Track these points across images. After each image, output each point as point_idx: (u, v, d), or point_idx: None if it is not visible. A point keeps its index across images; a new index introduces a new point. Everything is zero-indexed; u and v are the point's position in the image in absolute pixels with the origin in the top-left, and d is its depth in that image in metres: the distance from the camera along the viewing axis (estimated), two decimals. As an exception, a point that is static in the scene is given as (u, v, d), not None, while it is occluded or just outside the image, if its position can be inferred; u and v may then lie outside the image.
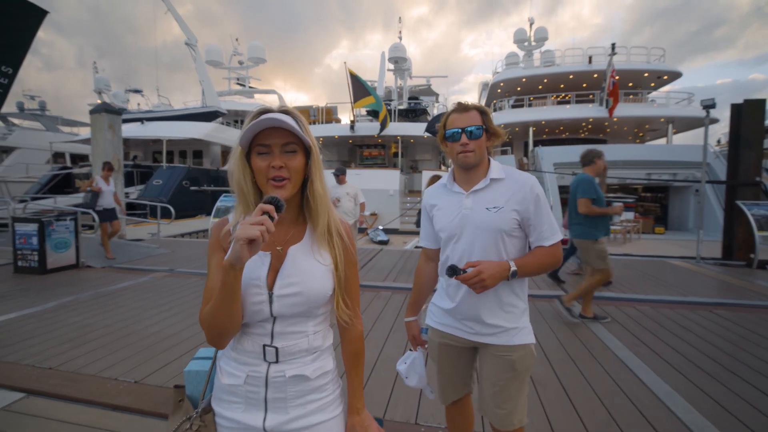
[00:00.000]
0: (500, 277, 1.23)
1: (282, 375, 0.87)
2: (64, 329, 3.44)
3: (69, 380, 2.51)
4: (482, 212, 1.30)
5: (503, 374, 1.33)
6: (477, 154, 1.31)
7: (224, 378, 0.90)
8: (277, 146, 0.85)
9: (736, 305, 4.31)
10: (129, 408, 2.23)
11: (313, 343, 0.91)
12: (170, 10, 21.07)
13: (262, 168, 0.85)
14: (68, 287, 4.90)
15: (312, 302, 0.88)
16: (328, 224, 0.92)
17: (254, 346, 0.88)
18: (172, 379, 2.55)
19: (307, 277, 0.87)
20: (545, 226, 1.29)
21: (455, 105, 1.37)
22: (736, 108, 7.23)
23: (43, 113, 26.82)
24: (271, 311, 0.86)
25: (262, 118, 0.82)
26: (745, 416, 2.19)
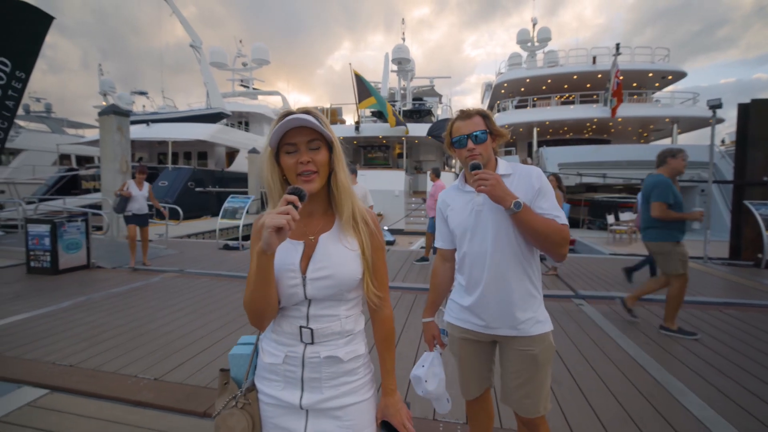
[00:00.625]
0: (505, 193, 1.25)
1: (317, 356, 0.94)
2: (80, 328, 3.50)
3: (90, 377, 2.56)
4: (493, 206, 1.34)
5: (526, 367, 1.37)
6: (484, 156, 1.38)
7: (266, 357, 0.98)
8: (303, 143, 0.93)
9: (746, 305, 4.31)
10: (151, 404, 2.27)
11: (345, 327, 0.97)
12: (175, 12, 21.22)
13: (291, 165, 0.93)
14: (81, 287, 4.96)
15: (342, 285, 0.95)
16: (352, 212, 0.98)
17: (291, 327, 0.95)
18: (190, 376, 2.59)
19: (337, 261, 0.94)
20: (551, 210, 1.32)
21: (458, 113, 1.44)
22: (744, 107, 7.23)
23: (48, 115, 27.06)
24: (305, 294, 0.93)
25: (288, 119, 0.90)
26: (758, 411, 2.21)
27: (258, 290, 0.86)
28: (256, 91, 28.52)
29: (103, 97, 27.30)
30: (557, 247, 1.31)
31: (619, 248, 10.05)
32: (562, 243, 1.31)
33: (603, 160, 15.02)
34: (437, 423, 2.12)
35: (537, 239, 1.31)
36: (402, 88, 21.97)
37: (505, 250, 1.35)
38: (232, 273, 5.83)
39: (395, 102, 19.44)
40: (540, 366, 1.37)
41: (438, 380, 1.46)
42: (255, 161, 17.65)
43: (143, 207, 6.10)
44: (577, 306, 4.27)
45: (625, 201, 15.34)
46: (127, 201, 5.89)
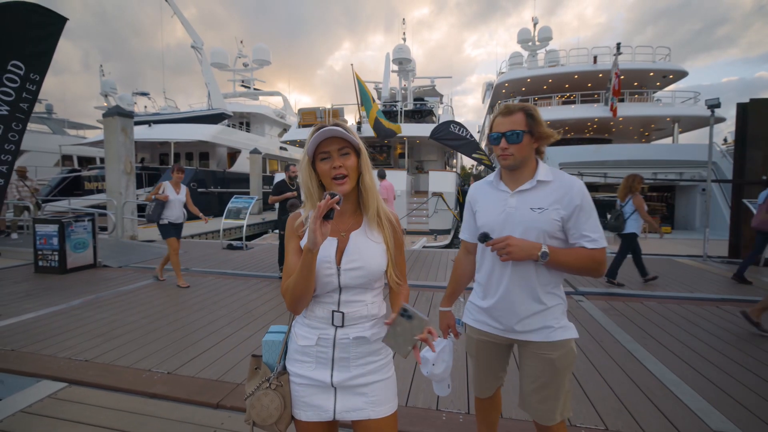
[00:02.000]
0: (528, 250, 1.26)
1: (347, 337, 1.08)
2: (92, 325, 3.59)
3: (106, 371, 2.66)
4: (526, 212, 1.32)
5: (544, 372, 1.35)
6: (516, 157, 1.33)
7: (299, 340, 1.11)
8: (335, 151, 1.08)
9: (742, 301, 4.39)
10: (166, 396, 2.36)
11: (371, 311, 1.11)
12: (176, 14, 21.33)
13: (326, 170, 1.08)
14: (89, 286, 5.06)
15: (371, 275, 1.09)
16: (377, 209, 1.13)
17: (324, 312, 1.09)
18: (201, 371, 2.69)
19: (366, 254, 1.09)
20: (587, 230, 1.28)
21: (501, 108, 1.37)
22: (742, 107, 7.30)
23: (50, 116, 27.16)
24: (339, 283, 1.07)
25: (321, 131, 1.06)
26: (750, 403, 2.29)
27: (301, 280, 1.00)
28: (257, 91, 28.62)
29: (104, 98, 27.41)
30: (593, 272, 1.29)
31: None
32: (596, 267, 1.28)
33: (604, 160, 15.08)
34: (440, 413, 2.21)
35: (571, 273, 1.32)
36: (403, 89, 22.04)
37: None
38: (237, 272, 5.92)
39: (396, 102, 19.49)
40: (558, 371, 1.33)
41: (445, 366, 1.46)
42: (256, 162, 17.76)
43: (180, 215, 5.24)
44: (577, 302, 4.35)
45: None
46: (163, 206, 5.01)
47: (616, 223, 5.19)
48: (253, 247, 8.30)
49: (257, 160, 17.79)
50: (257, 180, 17.63)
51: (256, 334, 3.39)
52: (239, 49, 28.76)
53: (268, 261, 6.79)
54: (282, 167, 21.10)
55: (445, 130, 7.34)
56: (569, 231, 1.31)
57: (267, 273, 5.86)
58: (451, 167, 21.81)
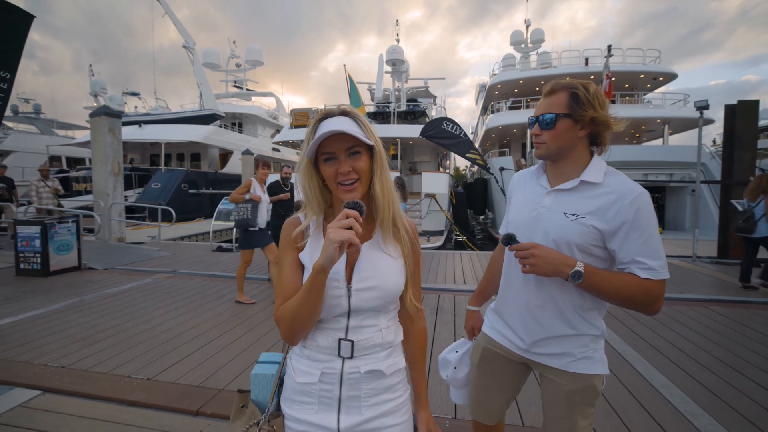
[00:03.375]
0: (556, 266, 1.01)
1: (357, 371, 0.87)
2: (73, 329, 3.49)
3: (82, 378, 2.57)
4: (557, 216, 1.09)
5: (558, 403, 1.15)
6: (550, 146, 1.10)
7: (298, 377, 0.90)
8: (342, 151, 0.87)
9: (730, 301, 4.41)
10: (144, 404, 2.28)
11: (386, 338, 0.91)
12: (168, 13, 21.12)
13: (331, 174, 0.88)
14: (72, 289, 4.94)
15: (387, 296, 0.90)
16: (393, 216, 0.92)
17: (329, 341, 0.88)
18: (182, 376, 2.61)
19: (382, 271, 0.89)
20: (642, 256, 1.00)
21: (546, 86, 1.17)
22: (730, 109, 7.38)
23: (38, 116, 26.77)
24: (349, 305, 0.87)
25: (323, 131, 0.84)
26: (739, 405, 2.27)
27: (307, 305, 0.81)
28: (250, 92, 28.45)
29: (94, 98, 27.06)
30: (643, 307, 1.01)
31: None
32: (650, 303, 1.00)
33: None
34: (427, 418, 2.15)
35: (613, 303, 1.05)
36: (396, 90, 22.04)
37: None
38: (226, 274, 5.83)
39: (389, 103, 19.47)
40: (574, 406, 1.12)
41: (468, 371, 1.35)
42: (248, 163, 17.61)
43: (265, 217, 4.51)
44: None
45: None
46: (257, 209, 4.32)
47: (746, 225, 4.85)
48: (244, 249, 8.19)
49: (249, 161, 17.63)
50: (249, 181, 17.45)
51: (242, 337, 3.32)
52: (232, 50, 28.59)
53: (258, 263, 6.70)
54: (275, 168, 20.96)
55: (437, 128, 7.07)
56: (616, 253, 1.04)
57: (257, 275, 5.78)
58: (445, 168, 21.83)
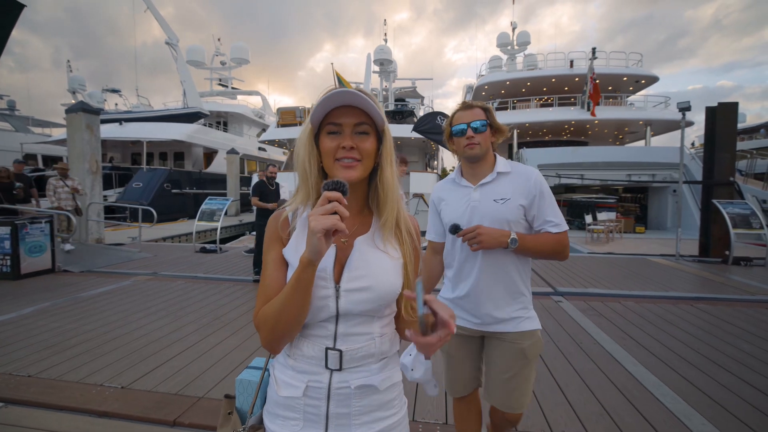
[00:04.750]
0: (498, 238, 1.28)
1: (346, 386, 0.77)
2: (44, 335, 3.30)
3: (50, 387, 2.41)
4: (490, 204, 1.35)
5: (515, 362, 1.37)
6: (482, 146, 1.36)
7: (281, 390, 0.80)
8: (349, 126, 0.77)
9: (714, 299, 4.47)
10: (117, 414, 2.14)
11: (380, 347, 0.81)
12: (150, 8, 20.62)
13: (330, 148, 0.77)
14: (45, 292, 4.71)
15: (382, 299, 0.79)
16: (396, 217, 0.83)
17: (315, 350, 0.78)
18: (160, 384, 2.47)
19: (377, 270, 0.79)
20: (550, 216, 1.35)
21: (460, 104, 1.43)
22: (711, 111, 7.52)
23: (12, 113, 25.77)
24: (337, 307, 0.77)
25: (336, 92, 0.74)
26: (728, 403, 2.26)
27: (293, 306, 0.71)
28: (236, 90, 28.01)
29: (72, 95, 26.21)
30: (559, 255, 1.36)
31: (596, 247, 10.30)
32: (562, 250, 1.35)
33: (581, 161, 15.42)
34: (417, 424, 2.08)
35: (540, 257, 1.37)
36: (384, 89, 21.98)
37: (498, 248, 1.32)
38: (209, 275, 5.66)
39: (377, 103, 19.41)
40: (528, 360, 1.38)
41: (424, 368, 1.39)
42: (234, 162, 17.29)
43: None
44: (556, 303, 4.32)
45: (603, 201, 15.79)
46: None
47: None
48: (228, 250, 7.99)
49: (235, 160, 17.33)
50: (235, 181, 17.16)
51: (224, 341, 3.19)
52: (217, 47, 28.11)
53: (243, 264, 6.53)
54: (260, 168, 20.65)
55: (431, 123, 6.93)
56: (533, 218, 1.36)
57: (240, 276, 5.62)
58: (433, 168, 21.87)
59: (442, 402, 2.29)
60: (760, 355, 2.93)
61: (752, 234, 6.58)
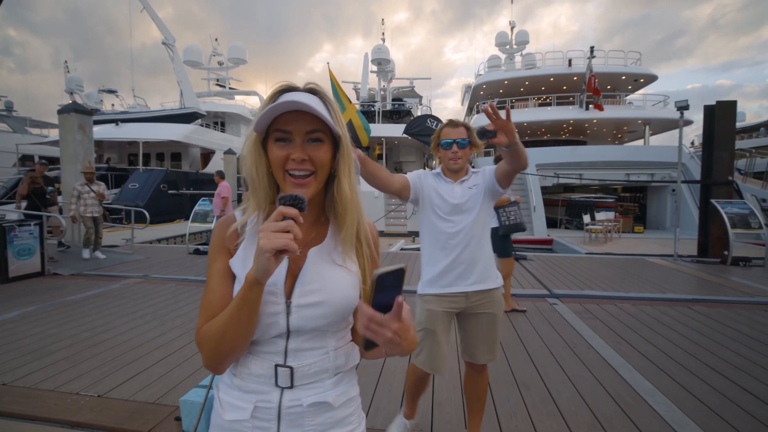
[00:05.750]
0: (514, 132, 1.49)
1: (298, 404, 0.72)
2: (25, 341, 3.22)
3: (24, 396, 2.33)
4: (467, 190, 1.77)
5: (490, 325, 1.75)
6: (463, 160, 1.75)
7: (226, 413, 0.74)
8: (300, 134, 0.70)
9: (712, 301, 4.39)
10: (90, 425, 2.07)
11: (335, 362, 0.75)
12: (146, 8, 20.53)
13: (280, 158, 0.70)
14: (32, 296, 4.63)
15: (336, 314, 0.73)
16: (357, 229, 0.77)
17: (263, 368, 0.72)
18: (138, 392, 2.39)
19: (331, 284, 0.73)
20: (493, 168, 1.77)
21: (448, 121, 1.78)
22: (709, 109, 7.45)
23: (9, 114, 25.69)
24: (288, 324, 0.71)
25: (283, 101, 0.68)
26: (723, 411, 2.19)
27: (238, 325, 0.65)
28: (233, 90, 27.92)
29: (69, 95, 26.13)
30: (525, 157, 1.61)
31: (594, 248, 10.23)
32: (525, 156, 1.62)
33: (579, 161, 15.33)
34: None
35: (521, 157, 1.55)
36: (382, 89, 21.90)
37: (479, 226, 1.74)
38: (200, 278, 5.58)
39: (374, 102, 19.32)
40: (497, 321, 1.76)
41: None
42: (231, 162, 17.21)
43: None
44: (551, 305, 4.25)
45: (601, 201, 15.71)
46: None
47: None
48: (222, 251, 7.91)
49: (232, 161, 17.23)
50: (232, 181, 17.06)
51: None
52: (214, 47, 28.03)
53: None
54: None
55: (421, 125, 6.86)
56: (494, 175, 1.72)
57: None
58: (431, 168, 21.79)
59: (427, 415, 2.21)
60: (758, 360, 2.85)
61: (751, 234, 6.50)
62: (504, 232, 3.87)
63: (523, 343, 3.18)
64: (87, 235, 6.65)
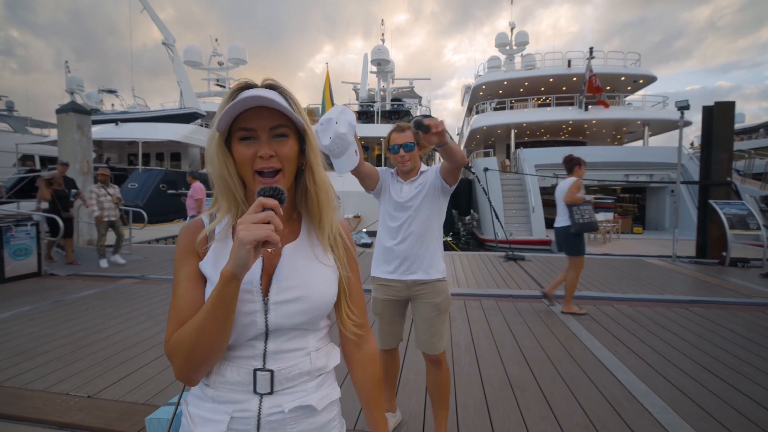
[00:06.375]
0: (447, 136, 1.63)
1: (279, 410, 0.68)
2: (17, 341, 3.21)
3: (13, 397, 2.31)
4: (413, 190, 1.88)
5: (433, 314, 1.84)
6: (412, 162, 1.87)
7: (198, 428, 0.68)
8: (264, 130, 0.68)
9: (710, 302, 4.37)
10: (79, 425, 2.05)
11: (316, 363, 0.73)
12: (146, 8, 20.54)
13: (246, 157, 0.68)
14: (27, 296, 4.61)
15: (317, 308, 0.72)
16: (331, 224, 0.77)
17: (240, 373, 0.68)
18: (129, 392, 2.38)
19: (309, 280, 0.72)
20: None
21: (396, 126, 1.90)
22: (708, 110, 7.43)
23: (10, 114, 25.68)
24: (266, 323, 0.68)
25: (242, 97, 0.66)
26: (719, 414, 2.17)
27: (214, 328, 0.61)
28: (233, 90, 27.89)
29: (70, 95, 26.14)
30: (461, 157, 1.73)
31: (593, 248, 10.21)
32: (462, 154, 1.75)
33: None
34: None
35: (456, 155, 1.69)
36: (382, 89, 21.89)
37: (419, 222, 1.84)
38: (196, 278, 5.56)
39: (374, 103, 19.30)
40: (441, 311, 1.85)
41: (348, 125, 1.31)
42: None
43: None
44: (548, 307, 4.22)
45: (601, 202, 15.69)
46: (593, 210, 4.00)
47: None
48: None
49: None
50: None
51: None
52: (214, 48, 28.02)
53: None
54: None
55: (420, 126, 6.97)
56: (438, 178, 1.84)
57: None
58: (430, 169, 21.77)
59: (420, 418, 2.19)
60: (755, 362, 2.83)
61: (749, 235, 6.48)
62: (576, 230, 3.87)
63: (518, 345, 3.16)
64: (100, 242, 6.24)
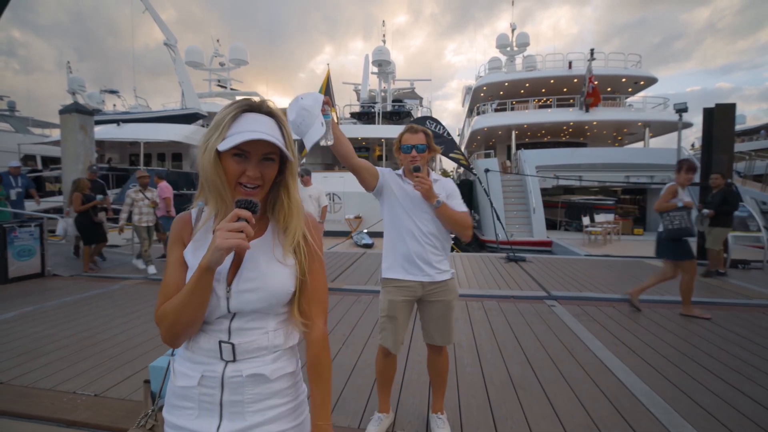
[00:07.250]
0: (433, 195, 1.81)
1: (239, 375, 0.83)
2: (22, 341, 3.23)
3: (21, 396, 2.33)
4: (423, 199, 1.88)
5: (445, 311, 1.92)
6: (423, 163, 1.86)
7: (177, 380, 0.86)
8: (257, 154, 0.82)
9: (711, 303, 4.39)
10: (86, 423, 2.07)
11: (273, 341, 0.87)
12: (148, 9, 20.58)
13: (236, 172, 0.82)
14: (31, 297, 4.64)
15: (272, 298, 0.86)
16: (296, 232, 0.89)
17: (210, 343, 0.84)
18: (135, 391, 2.40)
19: (267, 274, 0.85)
20: (457, 205, 1.91)
21: (408, 127, 1.93)
22: (708, 112, 7.45)
23: (12, 114, 25.70)
24: (228, 307, 0.83)
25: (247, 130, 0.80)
26: (721, 414, 2.18)
27: (191, 306, 0.78)
28: (234, 91, 27.88)
29: (71, 96, 26.16)
30: (464, 229, 1.87)
31: (593, 249, 10.23)
32: (468, 227, 1.88)
33: (579, 163, 15.31)
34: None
35: (451, 225, 1.87)
36: (382, 90, 21.93)
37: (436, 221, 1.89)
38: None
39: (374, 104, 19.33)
40: (453, 308, 1.94)
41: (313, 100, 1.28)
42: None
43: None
44: (549, 307, 4.24)
45: (601, 203, 15.71)
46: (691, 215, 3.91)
47: None
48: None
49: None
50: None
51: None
52: (215, 48, 28.02)
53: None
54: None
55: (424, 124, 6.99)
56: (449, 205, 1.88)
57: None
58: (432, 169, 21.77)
59: (416, 420, 2.21)
60: (756, 362, 2.85)
61: (750, 236, 6.49)
62: (667, 236, 3.89)
63: (521, 345, 3.18)
64: (142, 247, 6.02)
